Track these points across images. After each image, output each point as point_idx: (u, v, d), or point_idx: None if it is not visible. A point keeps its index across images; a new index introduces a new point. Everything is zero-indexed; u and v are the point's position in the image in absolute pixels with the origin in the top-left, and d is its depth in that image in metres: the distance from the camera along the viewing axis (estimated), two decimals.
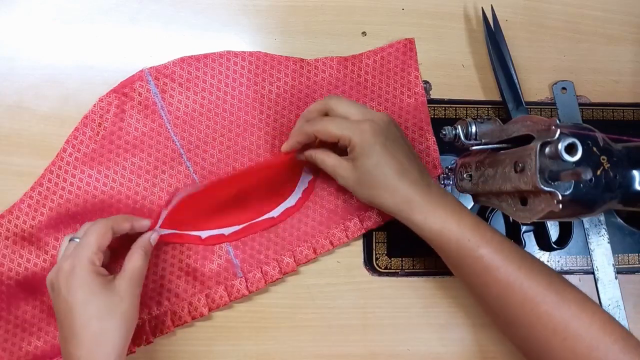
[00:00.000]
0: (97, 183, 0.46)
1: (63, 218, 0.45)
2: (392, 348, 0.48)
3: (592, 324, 0.36)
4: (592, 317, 0.36)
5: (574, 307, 0.36)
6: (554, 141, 0.33)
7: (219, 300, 0.46)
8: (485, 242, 0.38)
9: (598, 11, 0.54)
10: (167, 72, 0.47)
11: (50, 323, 0.44)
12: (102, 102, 0.46)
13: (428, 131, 0.50)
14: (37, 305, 0.44)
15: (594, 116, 0.52)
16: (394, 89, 0.50)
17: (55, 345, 0.44)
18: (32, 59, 0.48)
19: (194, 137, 0.47)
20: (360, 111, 0.41)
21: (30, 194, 0.45)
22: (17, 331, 0.44)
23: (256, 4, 0.51)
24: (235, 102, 0.48)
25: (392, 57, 0.51)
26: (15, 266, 0.44)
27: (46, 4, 0.49)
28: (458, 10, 0.53)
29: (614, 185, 0.35)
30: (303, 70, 0.49)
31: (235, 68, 0.48)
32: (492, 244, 0.38)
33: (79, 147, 0.46)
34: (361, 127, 0.39)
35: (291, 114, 0.49)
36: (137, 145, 0.46)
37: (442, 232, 0.39)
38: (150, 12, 0.50)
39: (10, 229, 0.44)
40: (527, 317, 0.37)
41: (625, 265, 0.50)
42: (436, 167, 0.49)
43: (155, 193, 0.46)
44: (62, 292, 0.37)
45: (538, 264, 0.39)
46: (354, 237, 0.48)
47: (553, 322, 0.36)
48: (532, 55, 0.53)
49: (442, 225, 0.39)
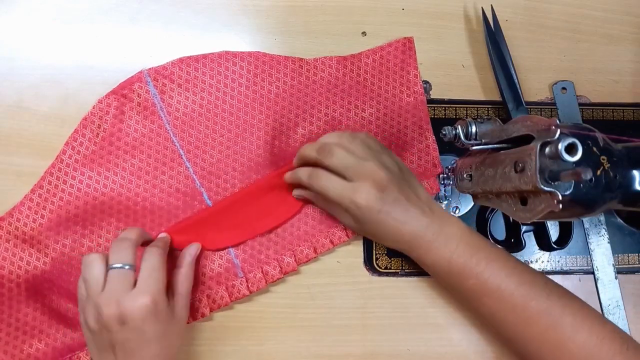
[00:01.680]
0: (96, 185, 0.46)
1: (63, 220, 0.45)
2: (392, 348, 0.48)
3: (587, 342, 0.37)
4: (589, 335, 0.37)
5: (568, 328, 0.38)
6: (554, 141, 0.33)
7: (219, 301, 0.46)
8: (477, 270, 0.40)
9: (598, 11, 0.54)
10: (165, 73, 0.47)
11: (51, 325, 0.44)
12: (101, 104, 0.46)
13: (427, 130, 0.50)
14: (38, 308, 0.44)
15: (594, 116, 0.52)
16: (393, 88, 0.50)
17: (56, 348, 0.44)
18: (32, 59, 0.48)
19: (193, 137, 0.47)
20: (353, 165, 0.40)
21: (31, 197, 0.45)
22: (18, 334, 0.44)
23: (256, 4, 0.51)
24: (234, 102, 0.48)
25: (392, 56, 0.51)
26: (16, 269, 0.44)
27: (46, 4, 0.49)
28: (458, 10, 0.53)
29: (614, 185, 0.35)
30: (302, 70, 0.49)
31: (234, 68, 0.48)
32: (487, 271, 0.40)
33: (79, 148, 0.46)
34: (356, 198, 0.40)
35: (290, 114, 0.49)
36: (137, 146, 0.46)
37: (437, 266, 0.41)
38: (150, 12, 0.50)
39: (11, 231, 0.44)
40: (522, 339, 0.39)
41: (625, 265, 0.50)
42: (436, 166, 0.49)
43: (155, 194, 0.46)
44: (138, 325, 0.37)
45: (540, 286, 0.39)
46: (354, 236, 0.48)
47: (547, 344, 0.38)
48: (532, 55, 0.53)
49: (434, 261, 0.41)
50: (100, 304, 0.37)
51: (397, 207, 0.40)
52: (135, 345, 0.37)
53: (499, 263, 0.40)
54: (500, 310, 0.39)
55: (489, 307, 0.40)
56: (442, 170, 0.49)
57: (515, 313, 0.39)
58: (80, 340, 0.44)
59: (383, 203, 0.40)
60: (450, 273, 0.41)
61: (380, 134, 0.50)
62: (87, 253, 0.41)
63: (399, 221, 0.40)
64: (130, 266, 0.38)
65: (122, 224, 0.46)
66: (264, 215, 0.47)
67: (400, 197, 0.41)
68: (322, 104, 0.49)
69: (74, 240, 0.45)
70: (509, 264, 0.40)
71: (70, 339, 0.44)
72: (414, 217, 0.41)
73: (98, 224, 0.45)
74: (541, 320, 0.38)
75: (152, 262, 0.39)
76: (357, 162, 0.41)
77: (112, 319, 0.36)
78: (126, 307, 0.37)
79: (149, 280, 0.38)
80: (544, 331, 0.38)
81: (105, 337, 0.37)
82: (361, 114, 0.50)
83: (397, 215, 0.40)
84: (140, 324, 0.37)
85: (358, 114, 0.49)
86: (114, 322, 0.37)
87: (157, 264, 0.39)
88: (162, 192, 0.46)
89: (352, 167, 0.41)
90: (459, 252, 0.40)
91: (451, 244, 0.40)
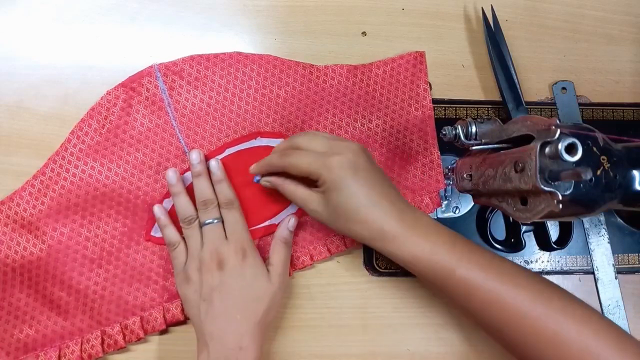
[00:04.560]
0: (99, 175, 0.46)
1: (63, 208, 0.45)
2: (392, 348, 0.48)
3: (582, 331, 0.36)
4: (581, 324, 0.36)
5: (561, 316, 0.36)
6: (554, 141, 0.33)
7: None
8: (462, 263, 0.38)
9: (598, 11, 0.54)
10: (176, 69, 0.47)
11: (43, 312, 0.44)
12: (109, 96, 0.46)
13: (433, 145, 0.50)
14: (31, 294, 0.44)
15: (594, 116, 0.52)
16: (402, 101, 0.50)
17: (47, 335, 0.44)
18: (32, 59, 0.48)
19: (199, 136, 0.47)
20: (328, 144, 0.41)
21: (32, 182, 0.45)
22: (9, 318, 0.44)
23: (256, 4, 0.51)
24: (242, 104, 0.48)
25: (402, 68, 0.51)
26: (12, 253, 0.44)
27: (46, 4, 0.49)
28: (458, 10, 0.53)
29: (614, 185, 0.35)
30: (312, 76, 0.49)
31: (244, 70, 0.48)
32: (470, 264, 0.38)
33: (84, 138, 0.46)
34: (330, 161, 0.39)
35: (297, 119, 0.49)
36: (142, 140, 0.47)
37: (417, 260, 0.38)
38: (150, 12, 0.50)
39: (10, 215, 0.44)
40: (513, 334, 0.37)
41: (625, 265, 0.50)
42: (439, 182, 0.49)
43: (156, 189, 0.46)
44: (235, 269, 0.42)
45: (522, 276, 0.38)
46: (352, 246, 0.48)
47: (541, 335, 0.36)
48: (532, 55, 0.53)
49: (414, 254, 0.38)
50: (202, 255, 0.42)
51: (371, 179, 0.39)
52: (231, 288, 0.41)
53: (480, 255, 0.39)
54: (490, 304, 0.38)
55: (477, 301, 0.38)
56: (445, 186, 0.49)
57: (505, 305, 0.37)
58: (70, 330, 0.44)
59: (357, 168, 0.39)
60: (434, 268, 0.38)
61: (385, 145, 0.49)
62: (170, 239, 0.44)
63: (370, 200, 0.38)
64: (218, 220, 0.44)
65: (121, 216, 0.46)
66: (263, 202, 0.47)
67: (374, 170, 0.40)
68: (330, 111, 0.49)
69: (72, 229, 0.45)
70: (488, 254, 0.39)
71: (61, 328, 0.44)
72: (389, 198, 0.39)
73: (97, 215, 0.45)
74: (531, 311, 0.37)
75: (233, 217, 0.44)
76: (330, 139, 0.41)
77: (213, 264, 0.42)
78: (223, 252, 0.42)
79: (235, 232, 0.43)
80: (536, 322, 0.36)
81: (206, 284, 0.42)
82: (367, 125, 0.50)
83: (372, 187, 0.39)
84: (237, 269, 0.42)
85: (364, 124, 0.49)
86: (214, 267, 0.42)
87: (237, 217, 0.44)
88: (164, 187, 0.46)
89: (325, 144, 0.40)
90: (439, 245, 0.38)
91: (430, 236, 0.39)
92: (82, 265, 0.45)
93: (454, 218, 0.50)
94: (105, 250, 0.45)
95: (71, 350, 0.44)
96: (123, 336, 0.44)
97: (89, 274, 0.45)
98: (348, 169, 0.38)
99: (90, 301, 0.45)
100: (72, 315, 0.44)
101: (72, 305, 0.44)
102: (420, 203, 0.49)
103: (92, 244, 0.45)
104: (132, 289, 0.45)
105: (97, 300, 0.45)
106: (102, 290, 0.45)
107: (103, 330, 0.44)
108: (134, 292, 0.45)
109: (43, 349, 0.43)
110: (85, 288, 0.45)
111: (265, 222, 0.47)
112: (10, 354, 0.43)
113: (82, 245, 0.45)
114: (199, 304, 0.42)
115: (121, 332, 0.44)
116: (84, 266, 0.45)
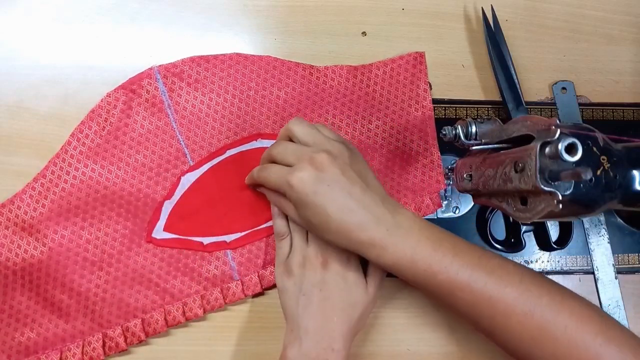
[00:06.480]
0: (99, 177, 0.46)
1: (63, 211, 0.45)
2: (392, 348, 0.48)
3: (568, 325, 0.36)
4: (569, 318, 0.36)
5: (547, 312, 0.36)
6: (554, 141, 0.33)
7: (214, 302, 0.46)
8: (445, 264, 0.37)
9: (598, 11, 0.54)
10: (175, 71, 0.47)
11: (44, 315, 0.44)
12: (109, 98, 0.46)
13: (433, 145, 0.50)
14: (33, 297, 0.44)
15: (594, 116, 0.52)
16: (402, 101, 0.50)
17: (48, 338, 0.44)
18: (32, 59, 0.48)
19: (199, 137, 0.47)
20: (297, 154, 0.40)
21: (33, 185, 0.45)
22: (10, 321, 0.44)
23: (256, 4, 0.51)
24: (242, 105, 0.48)
25: (402, 69, 0.51)
26: (13, 256, 0.44)
27: (46, 4, 0.49)
28: (458, 10, 0.53)
29: (614, 185, 0.35)
30: (312, 77, 0.49)
31: (244, 71, 0.48)
32: (454, 265, 0.37)
33: (84, 140, 0.46)
34: (291, 178, 0.38)
35: None
36: (142, 142, 0.47)
37: (399, 265, 0.38)
38: (150, 12, 0.50)
39: (10, 218, 0.44)
40: (501, 332, 0.38)
41: (625, 265, 0.50)
42: (439, 182, 0.49)
43: (157, 191, 0.46)
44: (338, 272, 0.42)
45: (512, 273, 0.38)
46: None
47: (527, 332, 0.36)
48: (532, 55, 0.53)
49: (395, 260, 0.38)
50: (307, 252, 0.43)
51: (337, 189, 0.37)
52: (332, 289, 0.41)
53: (466, 254, 0.38)
54: (475, 303, 0.37)
55: (463, 301, 0.38)
56: (445, 187, 0.49)
57: (490, 304, 0.37)
58: (72, 332, 0.44)
59: (319, 182, 0.37)
60: (416, 272, 0.38)
61: (385, 146, 0.50)
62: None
63: (343, 208, 0.37)
64: None
65: (122, 218, 0.46)
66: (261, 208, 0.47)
67: (342, 179, 0.37)
68: (330, 112, 0.49)
69: (72, 232, 0.45)
70: (476, 252, 0.38)
71: (63, 330, 0.44)
72: (362, 205, 0.37)
73: (98, 217, 0.45)
74: (517, 307, 0.36)
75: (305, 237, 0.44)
76: (298, 147, 0.40)
77: (317, 262, 0.42)
78: (328, 253, 0.42)
79: None
80: (523, 319, 0.36)
81: (307, 280, 0.42)
82: (367, 125, 0.50)
83: (338, 199, 0.37)
84: (340, 272, 0.42)
85: (364, 125, 0.49)
86: (318, 265, 0.42)
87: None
88: (164, 189, 0.46)
89: (292, 152, 0.40)
90: (421, 248, 0.37)
91: (411, 239, 0.38)
92: (83, 268, 0.45)
93: (454, 218, 0.50)
94: (106, 253, 0.45)
95: (72, 352, 0.43)
96: (124, 338, 0.44)
97: (90, 276, 0.45)
98: (311, 185, 0.37)
99: (92, 304, 0.44)
100: (73, 317, 0.44)
101: (73, 308, 0.44)
102: (420, 204, 0.49)
103: (92, 247, 0.45)
104: (133, 291, 0.45)
105: (98, 303, 0.45)
106: (103, 292, 0.45)
107: (104, 332, 0.44)
108: (135, 294, 0.45)
109: (44, 351, 0.43)
110: (86, 290, 0.45)
111: (268, 222, 0.47)
112: (11, 357, 0.43)
113: (83, 248, 0.45)
114: (297, 297, 0.42)
115: (122, 335, 0.44)
116: (85, 269, 0.45)
